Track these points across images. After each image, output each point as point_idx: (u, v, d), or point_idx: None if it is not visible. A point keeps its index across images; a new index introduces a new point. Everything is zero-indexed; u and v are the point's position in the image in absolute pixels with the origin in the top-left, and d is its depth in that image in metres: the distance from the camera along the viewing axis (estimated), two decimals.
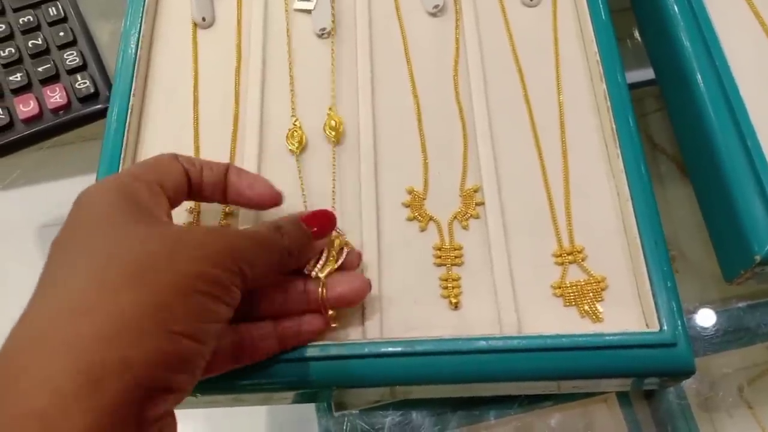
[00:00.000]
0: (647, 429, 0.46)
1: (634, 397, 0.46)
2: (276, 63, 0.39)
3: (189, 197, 0.30)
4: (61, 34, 0.44)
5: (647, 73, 0.47)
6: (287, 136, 0.36)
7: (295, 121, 0.37)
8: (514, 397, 0.43)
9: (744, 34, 0.37)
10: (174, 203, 0.28)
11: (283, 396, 0.32)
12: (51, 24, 0.44)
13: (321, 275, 0.31)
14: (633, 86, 0.50)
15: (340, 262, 0.32)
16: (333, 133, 0.36)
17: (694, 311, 0.47)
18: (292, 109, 0.37)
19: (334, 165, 0.36)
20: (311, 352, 0.30)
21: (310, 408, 0.45)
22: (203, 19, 0.40)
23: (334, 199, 0.35)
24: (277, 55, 0.39)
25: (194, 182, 0.29)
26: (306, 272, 0.31)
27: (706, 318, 0.47)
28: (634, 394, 0.44)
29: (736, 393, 0.49)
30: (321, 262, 0.32)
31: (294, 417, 0.47)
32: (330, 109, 0.37)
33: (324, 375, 0.30)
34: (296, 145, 0.36)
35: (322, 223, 0.30)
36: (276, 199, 0.31)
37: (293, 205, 0.34)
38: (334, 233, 0.32)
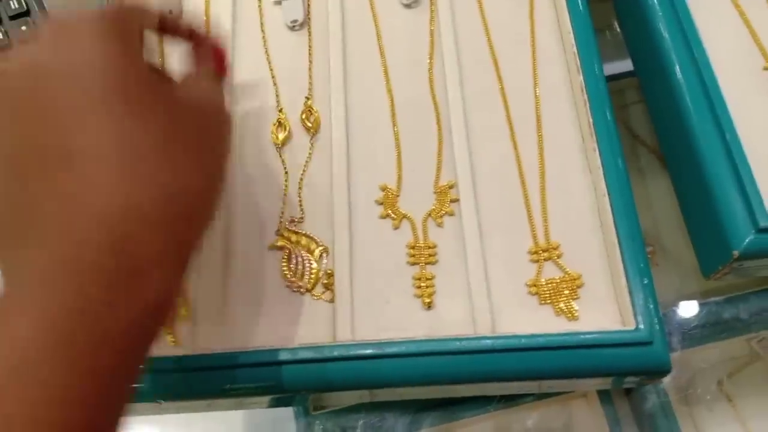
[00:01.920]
0: (627, 425, 0.45)
1: (614, 394, 0.45)
2: (245, 55, 0.38)
3: None
4: (23, 28, 0.42)
5: (628, 64, 0.46)
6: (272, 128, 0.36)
7: (280, 111, 0.36)
8: (493, 395, 0.43)
9: (723, 25, 0.36)
10: None
11: (256, 401, 0.32)
12: (12, 18, 0.43)
13: (311, 289, 0.31)
14: (614, 77, 0.50)
15: (323, 269, 0.32)
16: (309, 125, 0.35)
17: (674, 305, 0.47)
18: (277, 100, 0.37)
19: (308, 160, 0.35)
20: (280, 355, 0.29)
21: (287, 408, 0.44)
22: (170, 12, 0.39)
23: (300, 195, 0.34)
24: (246, 48, 0.38)
25: (163, 31, 0.28)
26: (294, 289, 0.31)
27: (685, 311, 0.47)
28: (614, 390, 0.44)
29: (715, 387, 0.49)
30: (306, 278, 0.31)
31: (270, 417, 0.47)
32: (307, 98, 0.36)
33: (293, 379, 0.29)
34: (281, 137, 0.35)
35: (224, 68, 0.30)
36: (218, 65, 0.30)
37: (266, 196, 0.34)
38: (313, 244, 0.32)
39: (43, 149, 0.21)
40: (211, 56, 0.28)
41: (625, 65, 0.48)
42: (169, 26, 0.28)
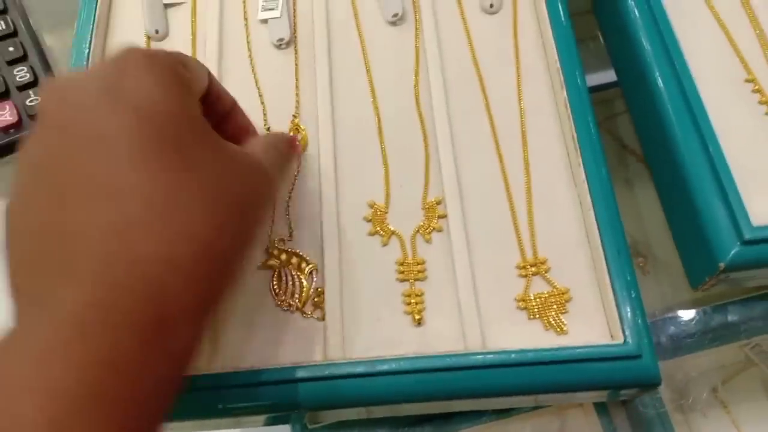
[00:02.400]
0: None
1: (610, 403, 0.45)
2: (232, 75, 0.38)
3: None
4: (11, 49, 0.43)
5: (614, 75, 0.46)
6: None
7: (267, 129, 0.36)
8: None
9: (704, 37, 0.36)
10: None
11: (252, 419, 0.32)
12: (0, 38, 0.43)
13: (301, 307, 0.32)
14: (602, 87, 0.50)
15: (312, 287, 0.32)
16: (298, 143, 0.35)
17: (666, 313, 0.47)
18: (265, 119, 0.37)
19: (296, 178, 0.35)
20: (272, 375, 0.29)
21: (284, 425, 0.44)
22: (156, 32, 0.39)
23: (288, 212, 0.34)
24: (233, 67, 0.38)
25: (209, 96, 0.27)
26: (285, 308, 0.32)
27: (678, 319, 0.47)
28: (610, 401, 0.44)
29: (710, 394, 0.49)
30: (297, 297, 0.31)
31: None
32: (294, 116, 0.36)
33: (286, 399, 0.29)
34: None
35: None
36: None
37: None
38: (303, 263, 0.32)
39: (91, 179, 0.20)
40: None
41: (612, 75, 0.48)
42: (215, 93, 0.27)
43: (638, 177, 0.51)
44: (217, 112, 0.28)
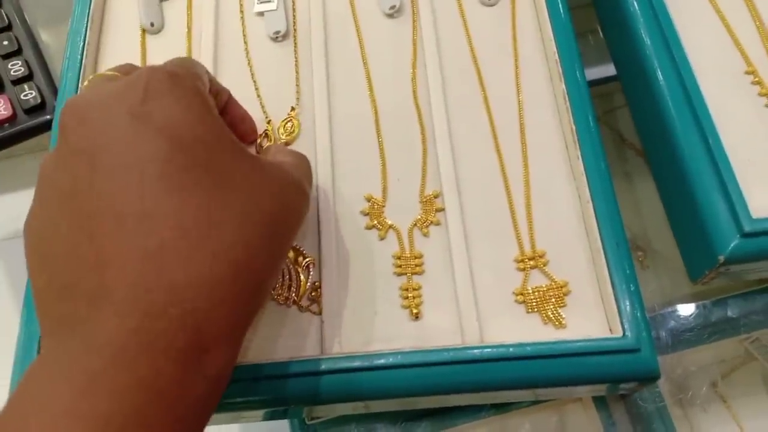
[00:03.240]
0: (623, 428, 0.45)
1: (609, 397, 0.45)
2: (228, 68, 0.38)
3: None
4: (5, 42, 0.42)
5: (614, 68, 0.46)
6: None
7: (268, 122, 0.36)
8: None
9: (704, 29, 0.36)
10: None
11: (250, 414, 0.32)
12: None
13: (298, 301, 0.31)
14: (601, 81, 0.50)
15: (310, 280, 0.31)
16: (286, 135, 0.35)
17: (666, 307, 0.47)
18: (264, 112, 0.36)
19: None
20: (268, 370, 0.29)
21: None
22: (152, 25, 0.39)
23: None
24: (229, 60, 0.38)
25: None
26: (281, 302, 0.31)
27: (677, 313, 0.47)
28: (607, 395, 0.44)
29: (710, 388, 0.49)
30: (294, 289, 0.31)
31: (266, 428, 0.47)
32: (293, 108, 0.36)
33: (282, 394, 0.29)
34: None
35: None
36: (255, 137, 0.31)
37: None
38: (300, 256, 0.32)
39: (122, 206, 0.20)
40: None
41: (612, 69, 0.48)
42: (213, 92, 0.27)
43: (637, 171, 0.50)
44: (217, 107, 0.28)
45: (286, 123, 0.36)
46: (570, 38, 0.36)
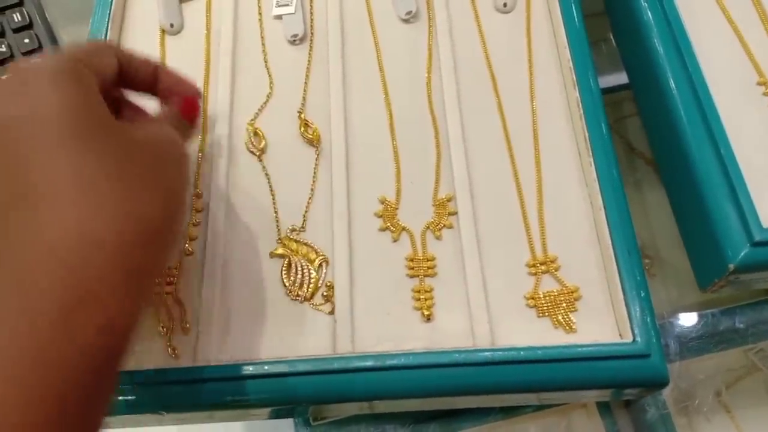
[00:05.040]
0: None
1: (613, 404, 0.46)
2: (246, 70, 0.38)
3: (117, 86, 0.29)
4: (26, 41, 0.43)
5: (625, 77, 0.46)
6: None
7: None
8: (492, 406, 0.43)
9: (717, 39, 0.36)
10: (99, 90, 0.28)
11: (257, 412, 0.32)
12: (16, 30, 0.43)
13: (310, 298, 0.32)
14: (611, 90, 0.50)
15: (322, 279, 0.32)
16: (310, 137, 0.36)
17: (672, 315, 0.47)
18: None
19: (315, 172, 0.35)
20: (280, 368, 0.29)
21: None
22: (171, 26, 0.39)
23: (307, 208, 0.34)
24: (247, 62, 0.39)
25: (126, 73, 0.29)
26: (293, 298, 0.32)
27: (683, 322, 0.47)
28: (613, 401, 0.44)
29: (714, 398, 0.49)
30: (306, 286, 0.32)
31: (270, 427, 0.47)
32: (300, 111, 0.37)
33: (293, 392, 0.29)
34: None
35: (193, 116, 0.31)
36: (198, 94, 0.32)
37: (264, 205, 0.34)
38: (313, 254, 0.32)
39: (1, 192, 0.22)
40: (182, 102, 0.30)
41: (622, 77, 0.48)
42: (133, 68, 0.29)
43: (646, 179, 0.51)
44: (142, 81, 0.30)
45: (306, 128, 0.36)
46: (584, 46, 0.36)
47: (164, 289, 0.32)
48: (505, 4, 0.39)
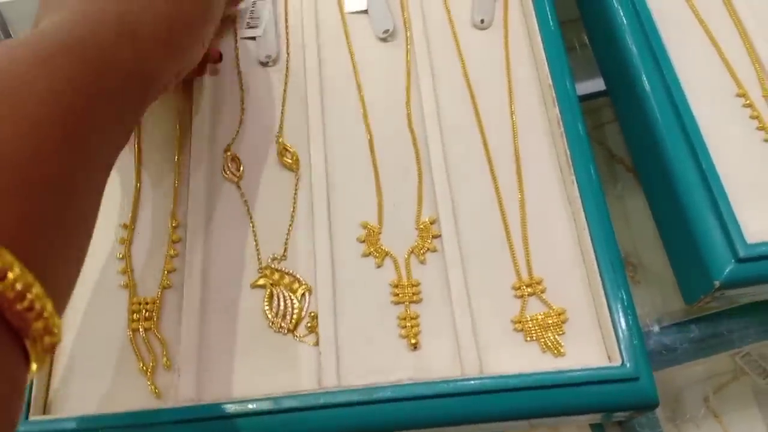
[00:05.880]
0: None
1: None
2: (219, 90, 0.37)
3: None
4: None
5: (602, 83, 0.46)
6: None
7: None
8: None
9: (695, 52, 0.36)
10: None
11: None
12: None
13: (293, 330, 0.31)
14: (590, 96, 0.50)
15: (305, 309, 0.31)
16: (290, 162, 0.35)
17: (657, 323, 0.47)
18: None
19: (295, 198, 0.34)
20: (265, 405, 0.28)
21: None
22: None
23: (288, 235, 0.33)
24: (220, 84, 0.38)
25: None
26: (277, 330, 0.31)
27: (668, 329, 0.47)
28: (604, 421, 0.44)
29: (702, 404, 0.50)
30: (289, 317, 0.31)
31: None
32: (278, 135, 0.36)
33: (279, 429, 0.28)
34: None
35: None
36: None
37: (243, 233, 0.34)
38: (296, 284, 0.32)
39: None
40: None
41: (600, 84, 0.48)
42: None
43: (627, 186, 0.51)
44: None
45: (284, 153, 0.35)
46: (563, 62, 0.36)
47: (142, 325, 0.31)
48: (482, 21, 0.38)
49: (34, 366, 0.19)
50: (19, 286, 0.17)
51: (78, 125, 0.21)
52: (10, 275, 0.17)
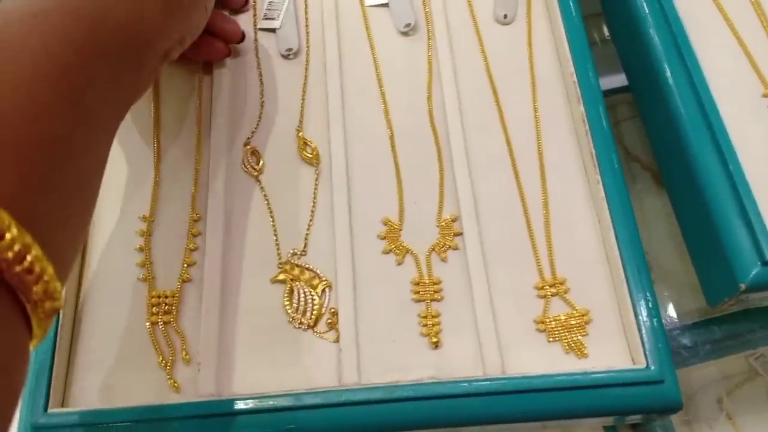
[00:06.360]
0: None
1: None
2: (240, 84, 0.37)
3: None
4: None
5: (620, 79, 0.46)
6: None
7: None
8: None
9: (722, 53, 0.36)
10: None
11: None
12: None
13: (313, 326, 0.31)
14: (606, 93, 0.49)
15: (326, 305, 0.31)
16: (310, 156, 0.35)
17: (672, 323, 0.46)
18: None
19: (315, 193, 0.34)
20: (285, 402, 0.28)
21: None
22: None
23: (308, 231, 0.33)
24: (240, 75, 0.37)
25: None
26: (297, 326, 0.31)
27: (684, 329, 0.47)
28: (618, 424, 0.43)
29: (715, 405, 0.49)
30: (309, 313, 0.31)
31: None
32: (298, 130, 0.35)
33: (300, 425, 0.28)
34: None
35: None
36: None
37: (263, 228, 0.33)
38: (316, 279, 0.31)
39: None
40: None
41: (618, 80, 0.47)
42: None
43: (643, 185, 0.50)
44: None
45: (304, 147, 0.35)
46: (587, 59, 0.35)
47: (162, 318, 0.31)
48: (505, 16, 0.38)
49: (36, 332, 0.19)
50: (17, 247, 0.17)
51: (73, 82, 0.21)
52: (8, 236, 0.17)
